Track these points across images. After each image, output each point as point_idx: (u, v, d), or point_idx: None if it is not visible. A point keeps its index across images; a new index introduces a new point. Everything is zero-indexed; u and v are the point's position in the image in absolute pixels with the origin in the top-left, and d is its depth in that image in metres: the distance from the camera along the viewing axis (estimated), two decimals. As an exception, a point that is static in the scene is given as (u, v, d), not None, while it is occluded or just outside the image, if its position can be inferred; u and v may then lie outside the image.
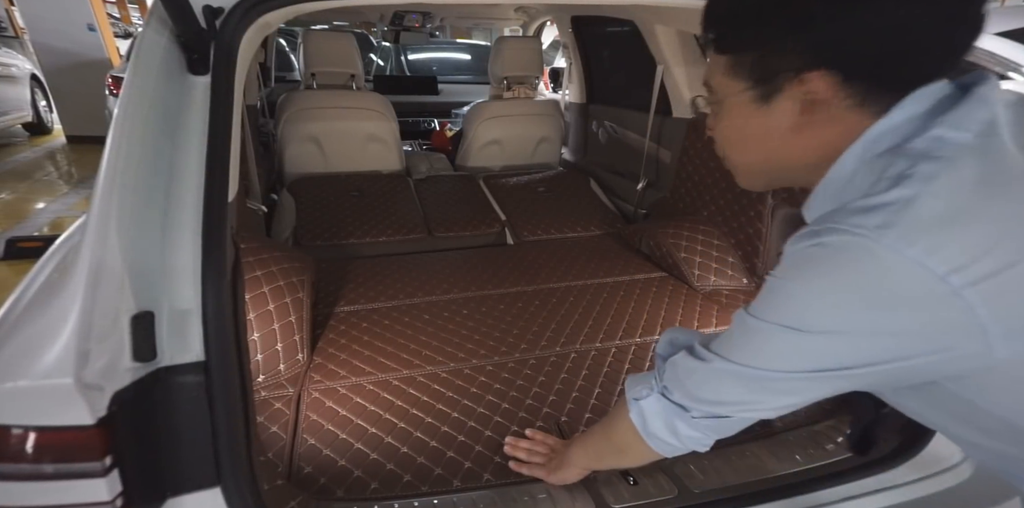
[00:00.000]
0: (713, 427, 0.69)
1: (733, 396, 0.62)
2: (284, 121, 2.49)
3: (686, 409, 0.69)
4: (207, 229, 0.77)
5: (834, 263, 0.49)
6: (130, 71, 0.86)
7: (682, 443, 0.72)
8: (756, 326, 0.57)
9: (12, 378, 0.62)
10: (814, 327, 0.52)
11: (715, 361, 0.62)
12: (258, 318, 1.31)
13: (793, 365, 0.55)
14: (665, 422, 0.72)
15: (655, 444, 0.75)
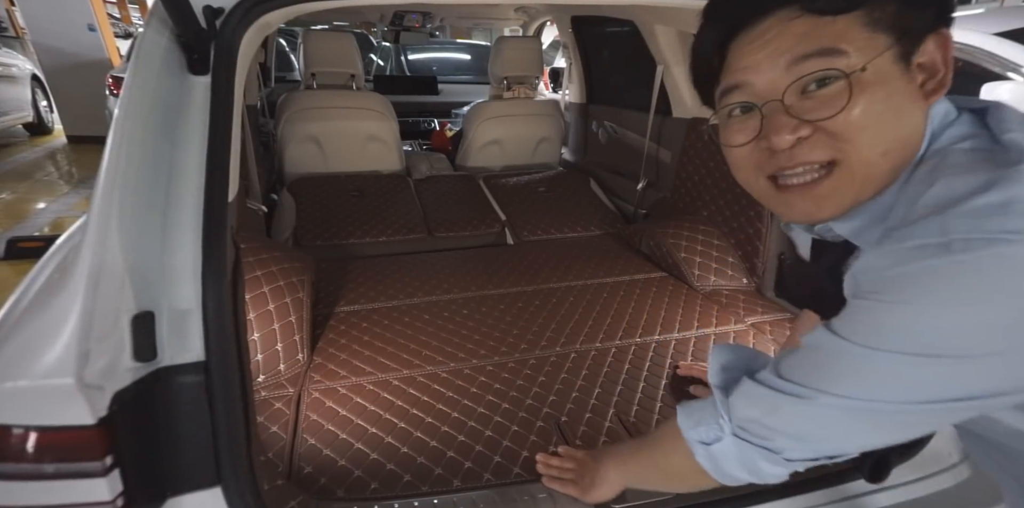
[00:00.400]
0: (808, 463, 0.59)
1: (836, 432, 0.53)
2: (284, 121, 2.49)
3: (776, 452, 0.59)
4: (207, 229, 0.77)
5: (979, 276, 0.42)
6: (130, 71, 0.86)
7: (760, 479, 0.62)
8: (864, 354, 0.48)
9: (13, 378, 0.62)
10: (951, 352, 0.44)
11: (812, 396, 0.52)
12: (258, 318, 1.31)
13: (913, 395, 0.48)
14: (742, 463, 0.62)
15: (726, 480, 0.66)
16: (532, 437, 1.16)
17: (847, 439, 0.55)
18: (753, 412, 0.59)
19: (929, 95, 0.50)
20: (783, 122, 0.52)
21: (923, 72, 0.50)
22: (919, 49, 0.50)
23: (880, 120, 0.50)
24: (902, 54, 0.49)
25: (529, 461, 1.09)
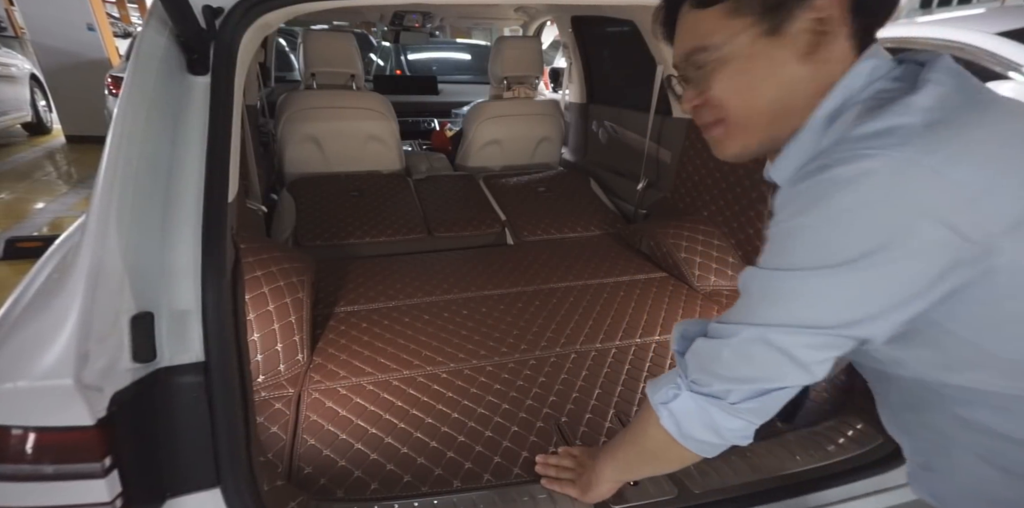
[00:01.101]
0: (755, 410, 0.63)
1: (771, 364, 0.58)
2: (284, 121, 2.49)
3: (721, 397, 0.64)
4: (207, 229, 0.77)
5: (856, 185, 0.49)
6: (130, 71, 0.86)
7: (723, 438, 0.66)
8: (777, 277, 0.55)
9: (12, 379, 0.62)
10: (844, 257, 0.51)
11: (741, 331, 0.59)
12: (258, 318, 1.30)
13: (828, 313, 0.54)
14: (701, 420, 0.66)
15: (694, 446, 0.68)
16: (532, 438, 1.16)
17: (772, 370, 0.59)
18: (701, 362, 0.65)
19: (810, 54, 0.58)
20: (687, 95, 0.67)
21: (816, 39, 0.58)
22: (793, 17, 0.57)
23: (748, 83, 0.61)
24: (768, 30, 0.58)
25: (529, 462, 1.09)
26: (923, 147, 0.48)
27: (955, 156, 0.48)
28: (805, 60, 0.58)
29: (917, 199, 0.48)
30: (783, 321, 0.56)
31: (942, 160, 0.48)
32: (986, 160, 0.49)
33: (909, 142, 0.49)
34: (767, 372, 0.59)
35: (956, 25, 2.86)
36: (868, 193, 0.49)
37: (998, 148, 0.49)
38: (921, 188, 0.48)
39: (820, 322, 0.55)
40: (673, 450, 0.71)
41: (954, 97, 0.52)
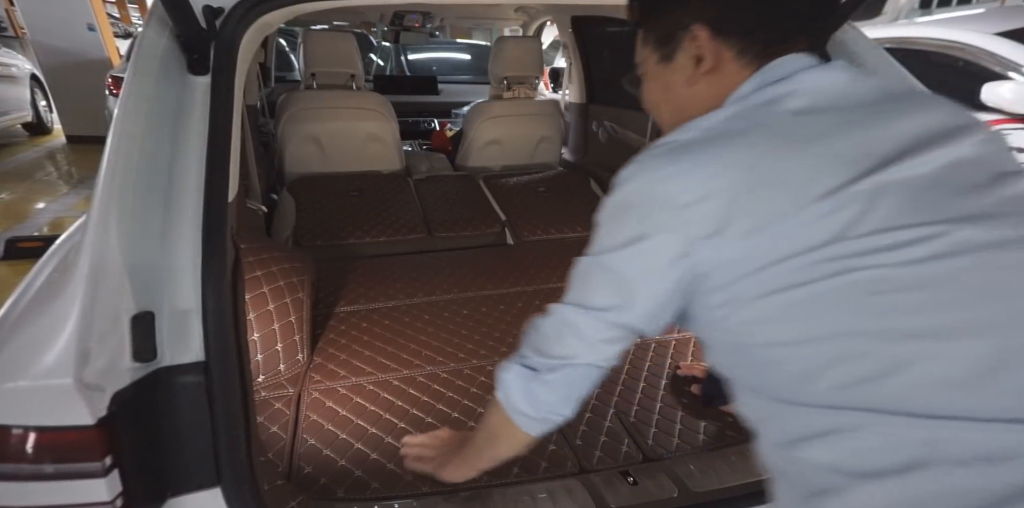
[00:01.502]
0: (565, 383, 0.69)
1: (568, 340, 0.67)
2: (284, 121, 2.49)
3: (537, 369, 0.71)
4: (207, 229, 0.77)
5: (619, 188, 0.61)
6: (130, 71, 0.86)
7: (539, 411, 0.72)
8: (579, 261, 0.66)
9: (12, 378, 0.62)
10: (604, 247, 0.62)
11: (556, 309, 0.68)
12: (258, 318, 1.31)
13: (595, 297, 0.64)
14: (522, 391, 0.72)
15: (519, 420, 0.74)
16: (532, 437, 1.16)
17: (569, 346, 0.67)
18: (529, 337, 0.73)
19: (704, 76, 0.65)
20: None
21: (697, 64, 0.65)
22: (680, 48, 0.66)
23: (655, 99, 0.72)
24: (662, 57, 0.68)
25: (529, 461, 1.09)
26: (664, 162, 0.57)
27: (682, 173, 0.56)
28: (694, 82, 0.66)
29: (647, 203, 0.58)
30: (574, 301, 0.66)
31: (673, 173, 0.56)
32: (706, 178, 0.55)
33: (661, 155, 0.58)
34: (566, 348, 0.67)
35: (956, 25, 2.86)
36: (622, 195, 0.61)
37: (723, 168, 0.55)
38: (657, 191, 0.57)
39: (593, 304, 0.64)
40: (507, 428, 0.77)
41: (743, 116, 0.59)
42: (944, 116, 0.59)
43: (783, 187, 0.53)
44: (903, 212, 0.52)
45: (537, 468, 1.08)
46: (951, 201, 0.53)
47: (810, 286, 0.52)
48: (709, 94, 0.65)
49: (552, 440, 1.15)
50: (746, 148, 0.56)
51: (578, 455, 1.11)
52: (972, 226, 0.51)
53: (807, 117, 0.57)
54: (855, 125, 0.56)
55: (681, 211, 0.56)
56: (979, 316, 0.49)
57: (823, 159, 0.54)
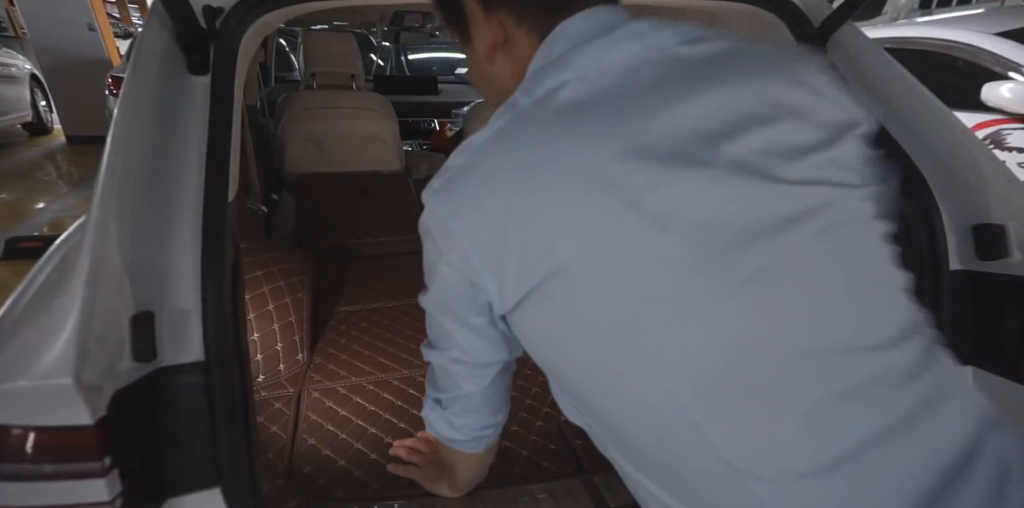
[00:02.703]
0: (471, 408, 0.74)
1: (450, 379, 0.71)
2: (284, 121, 2.49)
3: (442, 402, 0.75)
4: (207, 229, 0.77)
5: (423, 215, 0.61)
6: (130, 71, 0.86)
7: (467, 434, 0.77)
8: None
9: (12, 378, 0.62)
10: (428, 279, 0.66)
11: (426, 354, 0.73)
12: (258, 318, 1.30)
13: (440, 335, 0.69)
14: (445, 423, 0.76)
15: (458, 447, 0.79)
16: (532, 437, 1.16)
17: (448, 382, 0.73)
18: (428, 377, 0.77)
19: (498, 51, 0.63)
20: None
21: (484, 40, 0.63)
22: (469, 25, 0.64)
23: (474, 80, 0.72)
24: (462, 39, 0.67)
25: (529, 461, 1.09)
26: (441, 198, 0.55)
27: (456, 211, 0.53)
28: (492, 59, 0.64)
29: (439, 241, 0.57)
30: (430, 343, 0.71)
31: (449, 214, 0.54)
32: (479, 215, 0.52)
33: (440, 190, 0.56)
34: (450, 384, 0.71)
35: (956, 25, 2.86)
36: (422, 227, 0.62)
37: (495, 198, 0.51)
38: (440, 231, 0.57)
39: (440, 345, 0.69)
40: (454, 454, 0.83)
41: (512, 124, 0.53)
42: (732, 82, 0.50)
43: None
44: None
45: (538, 468, 1.08)
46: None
47: None
48: (511, 70, 0.62)
49: (553, 441, 1.15)
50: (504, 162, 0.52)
51: (579, 455, 1.11)
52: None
53: (572, 118, 0.50)
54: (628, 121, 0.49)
55: (459, 247, 0.55)
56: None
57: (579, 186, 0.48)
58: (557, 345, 0.55)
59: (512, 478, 1.05)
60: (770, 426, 0.47)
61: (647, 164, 0.47)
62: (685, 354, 0.48)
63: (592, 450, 1.13)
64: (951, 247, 0.94)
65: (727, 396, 0.47)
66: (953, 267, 0.94)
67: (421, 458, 1.03)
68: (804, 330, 0.47)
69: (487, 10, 0.60)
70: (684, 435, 0.48)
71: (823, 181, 0.49)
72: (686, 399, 0.47)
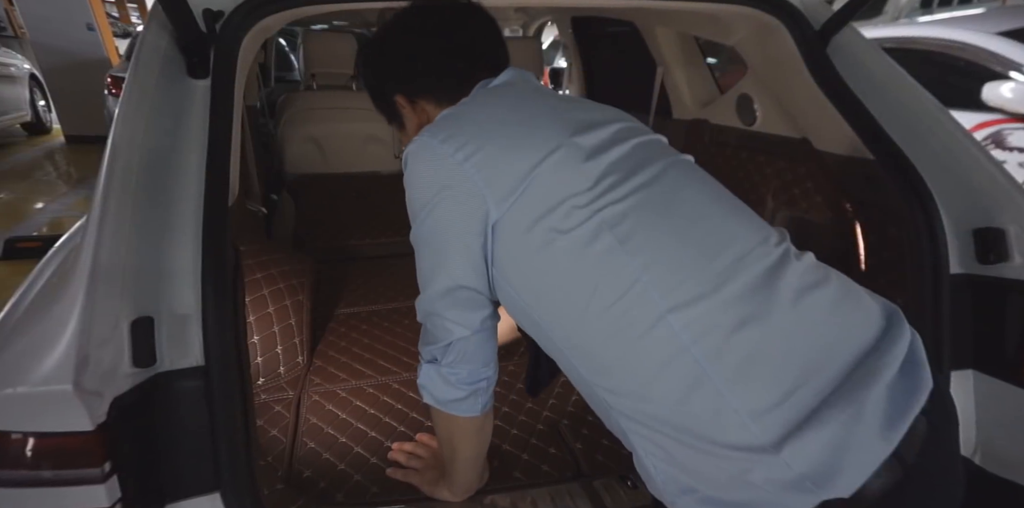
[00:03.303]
0: (464, 357, 0.77)
1: (441, 326, 0.77)
2: (284, 122, 2.48)
3: (436, 359, 0.79)
4: (207, 234, 0.77)
5: (409, 163, 0.72)
6: (130, 74, 0.86)
7: (464, 390, 0.79)
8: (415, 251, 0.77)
9: (12, 384, 0.62)
10: (415, 215, 0.73)
11: (418, 306, 0.80)
12: (258, 321, 1.30)
13: (431, 275, 0.76)
14: (440, 381, 0.79)
15: (454, 408, 0.80)
16: (532, 441, 1.16)
17: (438, 333, 0.79)
18: (420, 340, 0.84)
19: (423, 126, 0.77)
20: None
21: (412, 122, 0.87)
22: (401, 115, 0.88)
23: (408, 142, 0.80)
24: (399, 126, 0.91)
25: (529, 465, 1.09)
26: (433, 131, 0.70)
27: (451, 136, 0.68)
28: (418, 132, 0.76)
29: (436, 164, 0.68)
30: (422, 288, 0.79)
31: (444, 139, 0.68)
32: (471, 137, 0.67)
33: (429, 129, 0.71)
34: (442, 332, 0.76)
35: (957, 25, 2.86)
36: (412, 163, 0.71)
37: (480, 127, 0.69)
38: (436, 156, 0.68)
39: (432, 286, 0.76)
40: (453, 423, 0.83)
41: (475, 96, 0.77)
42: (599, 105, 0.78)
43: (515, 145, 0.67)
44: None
45: (538, 472, 1.07)
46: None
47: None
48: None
49: (553, 444, 1.15)
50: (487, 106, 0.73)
51: (579, 459, 1.11)
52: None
53: (504, 88, 0.77)
54: (541, 102, 0.74)
55: (462, 165, 0.67)
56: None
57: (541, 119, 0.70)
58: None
59: (511, 482, 1.04)
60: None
61: (578, 116, 0.72)
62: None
63: (592, 454, 1.13)
64: (951, 250, 0.94)
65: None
66: (954, 271, 0.94)
67: (420, 462, 1.04)
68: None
69: (412, 102, 0.85)
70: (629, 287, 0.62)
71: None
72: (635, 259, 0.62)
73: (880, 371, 0.58)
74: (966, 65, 2.64)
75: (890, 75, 1.09)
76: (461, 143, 0.67)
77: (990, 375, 0.94)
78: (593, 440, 1.16)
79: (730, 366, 0.58)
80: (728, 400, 0.57)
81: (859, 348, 0.60)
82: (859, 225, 1.21)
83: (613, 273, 0.62)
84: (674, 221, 0.65)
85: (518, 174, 0.65)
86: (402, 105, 0.85)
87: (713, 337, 0.58)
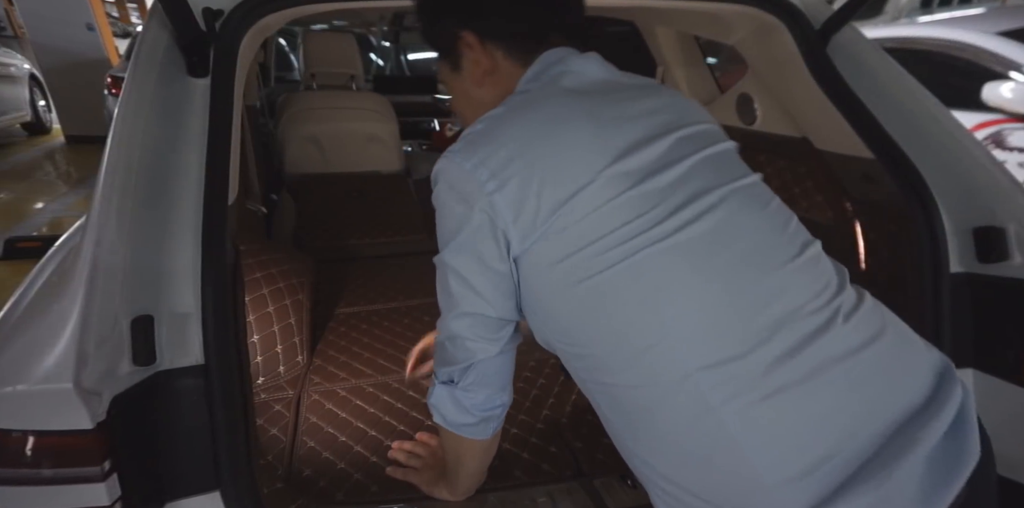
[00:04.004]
0: (482, 381, 0.74)
1: (463, 346, 0.71)
2: (284, 121, 2.48)
3: (453, 380, 0.76)
4: (207, 233, 0.77)
5: (437, 181, 0.68)
6: (130, 74, 0.86)
7: (475, 415, 0.77)
8: (439, 269, 0.71)
9: (12, 382, 0.62)
10: (446, 239, 0.68)
11: (440, 326, 0.73)
12: (258, 320, 1.30)
13: (456, 298, 0.69)
14: (453, 405, 0.76)
15: (465, 432, 0.79)
16: (532, 439, 1.16)
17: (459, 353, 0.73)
18: (436, 356, 0.78)
19: (487, 76, 0.75)
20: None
21: (478, 66, 0.75)
22: (461, 55, 0.76)
23: (460, 106, 0.82)
24: (452, 67, 0.78)
25: (529, 464, 1.09)
26: (465, 154, 0.64)
27: (482, 162, 0.62)
28: (481, 83, 0.76)
29: (464, 191, 0.63)
30: (444, 309, 0.72)
31: (475, 165, 0.62)
32: (505, 162, 0.61)
33: (461, 150, 0.65)
34: (463, 353, 0.72)
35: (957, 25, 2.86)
36: (441, 186, 0.67)
37: (518, 147, 0.62)
38: (464, 181, 0.63)
39: (456, 309, 0.69)
40: (461, 444, 0.82)
41: (519, 100, 0.69)
42: (664, 97, 0.72)
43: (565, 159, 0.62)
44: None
45: (538, 471, 1.07)
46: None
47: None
48: (496, 92, 0.75)
49: (553, 443, 1.15)
50: (523, 124, 0.65)
51: (578, 458, 1.11)
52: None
53: (575, 96, 0.67)
54: (612, 103, 0.67)
55: (491, 196, 0.62)
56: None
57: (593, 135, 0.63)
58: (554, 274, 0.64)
59: (512, 481, 1.04)
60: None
61: (625, 135, 0.64)
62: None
63: (592, 453, 1.13)
64: (952, 249, 0.94)
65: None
66: (954, 269, 0.94)
67: (420, 462, 1.04)
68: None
69: (483, 43, 0.74)
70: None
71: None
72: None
73: (922, 440, 0.54)
74: (966, 65, 2.64)
75: (890, 74, 1.09)
76: (494, 170, 0.61)
77: (990, 374, 0.94)
78: (593, 439, 1.16)
79: (759, 429, 0.54)
80: (754, 466, 0.54)
81: (904, 412, 0.56)
82: (859, 224, 1.21)
83: (642, 322, 0.59)
84: (719, 266, 0.59)
85: (545, 210, 0.60)
86: (470, 44, 0.74)
87: (743, 399, 0.55)
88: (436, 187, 0.68)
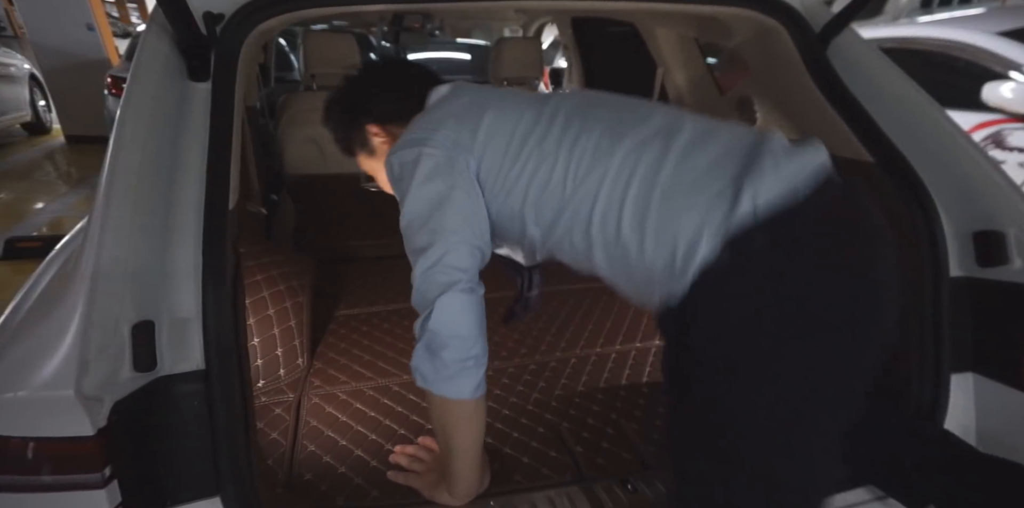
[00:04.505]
0: (448, 319, 0.80)
1: (433, 280, 0.81)
2: (284, 122, 2.48)
3: (424, 337, 0.81)
4: (208, 238, 0.77)
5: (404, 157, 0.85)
6: (131, 77, 0.86)
7: (452, 366, 0.79)
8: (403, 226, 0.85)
9: (12, 389, 0.62)
10: (409, 186, 0.84)
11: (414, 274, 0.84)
12: (258, 323, 1.30)
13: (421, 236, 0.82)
14: (430, 361, 0.80)
15: (449, 390, 0.80)
16: (533, 443, 1.16)
17: (429, 286, 0.84)
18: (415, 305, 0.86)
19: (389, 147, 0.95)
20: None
21: (385, 142, 1.03)
22: (372, 141, 1.06)
23: (377, 175, 1.09)
24: (367, 153, 1.09)
25: (530, 468, 1.09)
26: (418, 132, 0.87)
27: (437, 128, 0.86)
28: (390, 145, 0.96)
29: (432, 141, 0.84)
30: (412, 254, 0.85)
31: (436, 126, 0.86)
32: (456, 122, 0.85)
33: (410, 137, 0.87)
34: (433, 286, 0.81)
35: (957, 25, 2.86)
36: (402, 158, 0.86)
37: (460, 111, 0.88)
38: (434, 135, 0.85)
39: (420, 246, 0.83)
40: (446, 408, 0.83)
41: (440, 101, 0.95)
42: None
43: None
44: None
45: (538, 475, 1.07)
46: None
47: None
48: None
49: (553, 447, 1.15)
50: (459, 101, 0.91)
51: (579, 462, 1.11)
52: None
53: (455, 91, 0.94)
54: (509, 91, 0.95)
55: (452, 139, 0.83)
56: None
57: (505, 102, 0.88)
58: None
59: (512, 485, 1.04)
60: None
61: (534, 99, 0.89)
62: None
63: (592, 457, 1.13)
64: (951, 253, 0.94)
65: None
66: (953, 273, 0.94)
67: (422, 466, 1.04)
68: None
69: (384, 126, 1.02)
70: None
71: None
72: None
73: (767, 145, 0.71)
74: (966, 65, 2.64)
75: (890, 78, 1.09)
76: (450, 128, 0.84)
77: (990, 378, 0.94)
78: (594, 444, 1.16)
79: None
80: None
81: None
82: (859, 227, 1.21)
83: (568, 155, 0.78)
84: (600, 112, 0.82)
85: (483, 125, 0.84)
86: (375, 133, 1.02)
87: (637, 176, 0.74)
88: (395, 160, 0.87)
